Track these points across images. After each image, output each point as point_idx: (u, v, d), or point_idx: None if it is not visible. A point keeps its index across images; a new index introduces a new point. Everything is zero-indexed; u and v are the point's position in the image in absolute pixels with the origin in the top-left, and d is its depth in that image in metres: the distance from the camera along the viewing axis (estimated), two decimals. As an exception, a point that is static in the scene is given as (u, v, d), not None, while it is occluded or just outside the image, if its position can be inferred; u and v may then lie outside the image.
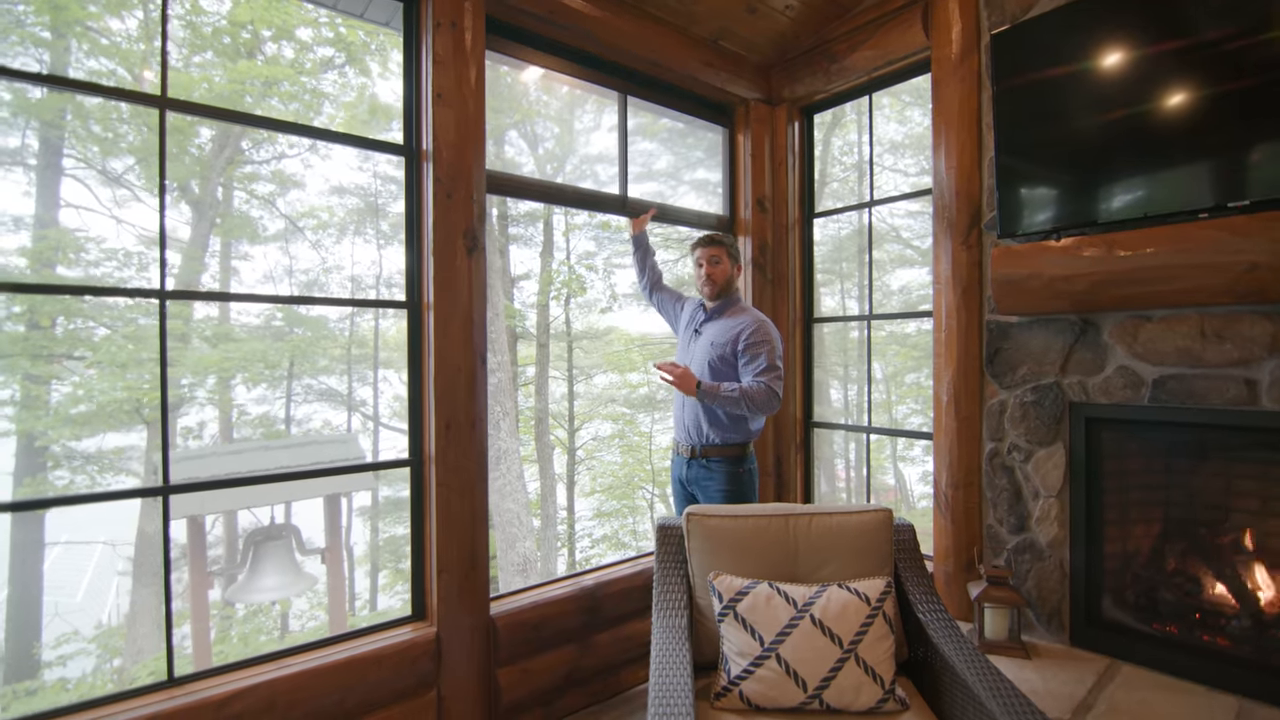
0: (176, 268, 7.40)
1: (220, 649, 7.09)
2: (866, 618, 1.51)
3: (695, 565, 1.67)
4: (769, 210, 2.84)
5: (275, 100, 7.06)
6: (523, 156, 9.59)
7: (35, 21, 6.46)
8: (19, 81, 6.27)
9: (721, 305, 2.23)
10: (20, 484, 6.59)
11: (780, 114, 2.85)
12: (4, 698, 6.47)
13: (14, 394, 6.29)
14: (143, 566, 6.94)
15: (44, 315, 6.37)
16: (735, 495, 2.15)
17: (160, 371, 1.59)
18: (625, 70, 2.43)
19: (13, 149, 6.93)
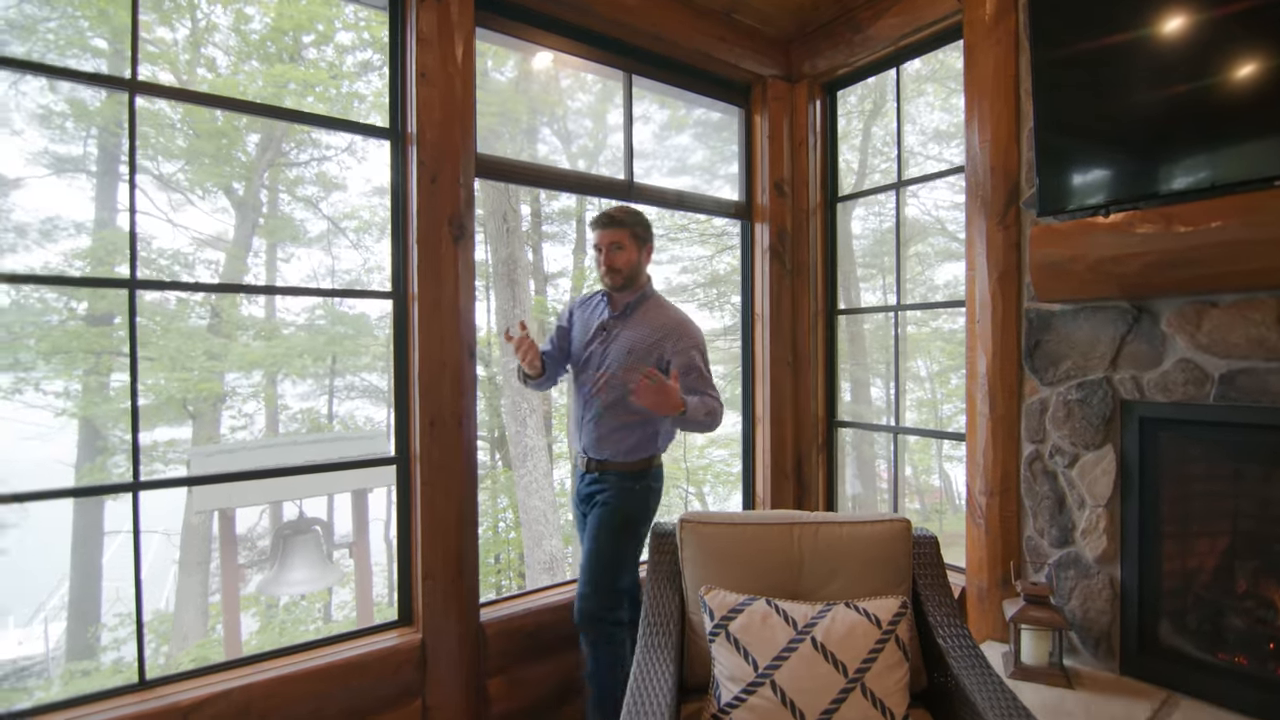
0: (221, 267, 7.65)
1: (262, 639, 7.27)
2: (876, 642, 1.35)
3: (688, 576, 1.53)
4: (788, 194, 2.66)
5: (312, 102, 7.18)
6: (556, 154, 9.56)
7: (93, 32, 6.74)
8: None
9: (636, 300, 1.87)
10: (81, 471, 6.92)
11: (800, 91, 2.67)
12: (65, 676, 6.81)
13: (75, 388, 6.60)
14: (188, 556, 7.20)
15: (103, 310, 6.65)
16: (618, 515, 1.79)
17: (130, 362, 1.54)
18: (630, 48, 2.30)
19: (75, 157, 7.26)
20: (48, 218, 6.76)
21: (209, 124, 6.75)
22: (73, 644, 7.23)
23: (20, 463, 6.83)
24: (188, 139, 7.20)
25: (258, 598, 7.43)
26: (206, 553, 7.34)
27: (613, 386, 1.80)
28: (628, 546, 1.80)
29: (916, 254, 8.82)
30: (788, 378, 2.63)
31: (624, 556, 1.80)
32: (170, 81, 6.90)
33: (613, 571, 1.78)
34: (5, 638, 7.84)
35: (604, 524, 1.79)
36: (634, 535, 1.81)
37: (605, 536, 1.77)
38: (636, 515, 1.82)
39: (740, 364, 2.79)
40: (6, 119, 6.48)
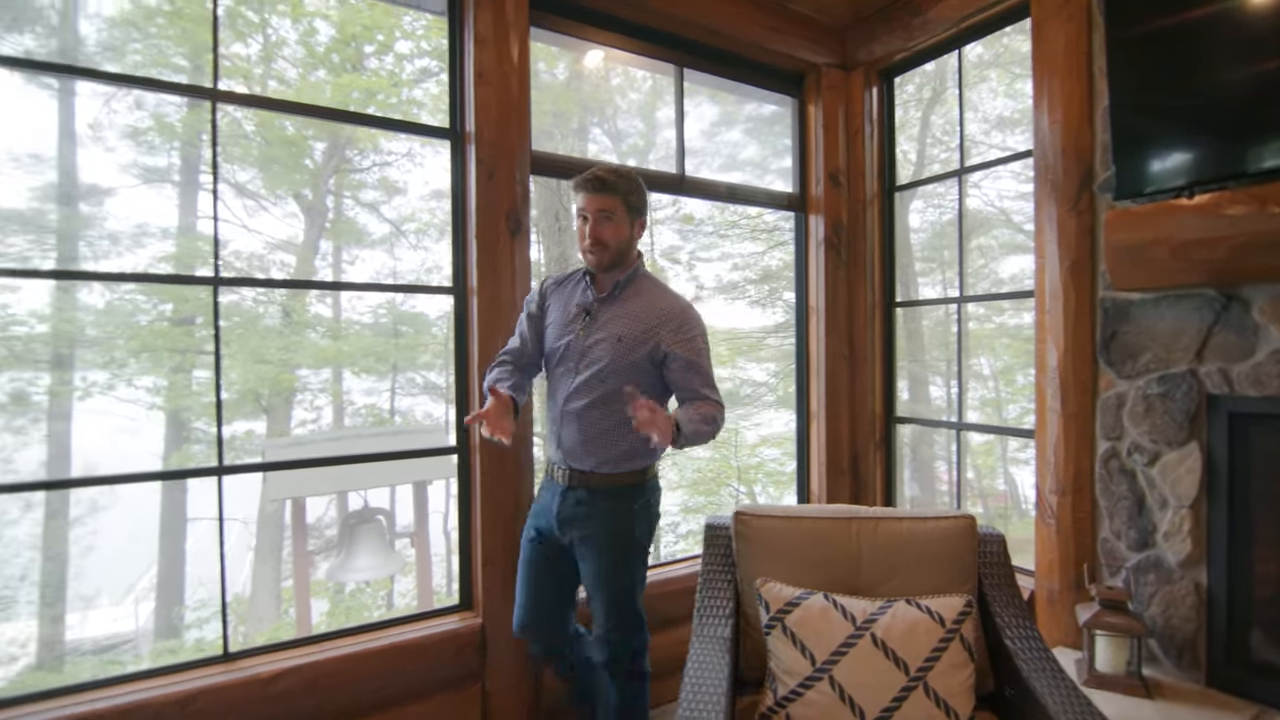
0: (292, 269, 8.04)
1: (329, 623, 7.61)
2: (940, 641, 1.31)
3: (743, 569, 1.52)
4: (843, 185, 2.61)
5: (373, 109, 7.46)
6: (606, 153, 9.63)
7: (175, 52, 7.20)
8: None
9: (625, 279, 1.56)
10: (167, 461, 7.41)
11: (855, 79, 2.61)
12: (153, 654, 7.31)
13: (162, 383, 7.07)
14: (262, 543, 7.61)
15: (186, 312, 7.10)
16: (624, 546, 1.54)
17: (215, 354, 1.64)
18: (681, 41, 2.30)
19: (160, 168, 7.77)
20: (137, 224, 7.25)
21: (279, 133, 7.10)
22: (159, 623, 7.75)
23: (114, 453, 7.36)
24: (260, 148, 7.60)
25: (325, 583, 7.79)
26: (279, 540, 7.74)
27: (600, 379, 1.50)
28: (639, 571, 1.59)
29: (979, 247, 8.45)
30: (844, 372, 2.57)
31: (639, 582, 1.59)
32: (241, 91, 7.30)
33: (635, 603, 1.57)
34: (101, 615, 8.43)
35: (609, 559, 1.53)
36: (643, 556, 1.60)
37: (616, 572, 1.53)
38: (641, 535, 1.57)
39: (794, 361, 2.75)
40: (101, 136, 6.99)
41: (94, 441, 7.04)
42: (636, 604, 1.58)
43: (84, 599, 7.78)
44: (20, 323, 6.12)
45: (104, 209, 7.19)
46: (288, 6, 7.19)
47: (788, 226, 10.90)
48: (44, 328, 6.30)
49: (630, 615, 1.56)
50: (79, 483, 2.28)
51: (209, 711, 1.47)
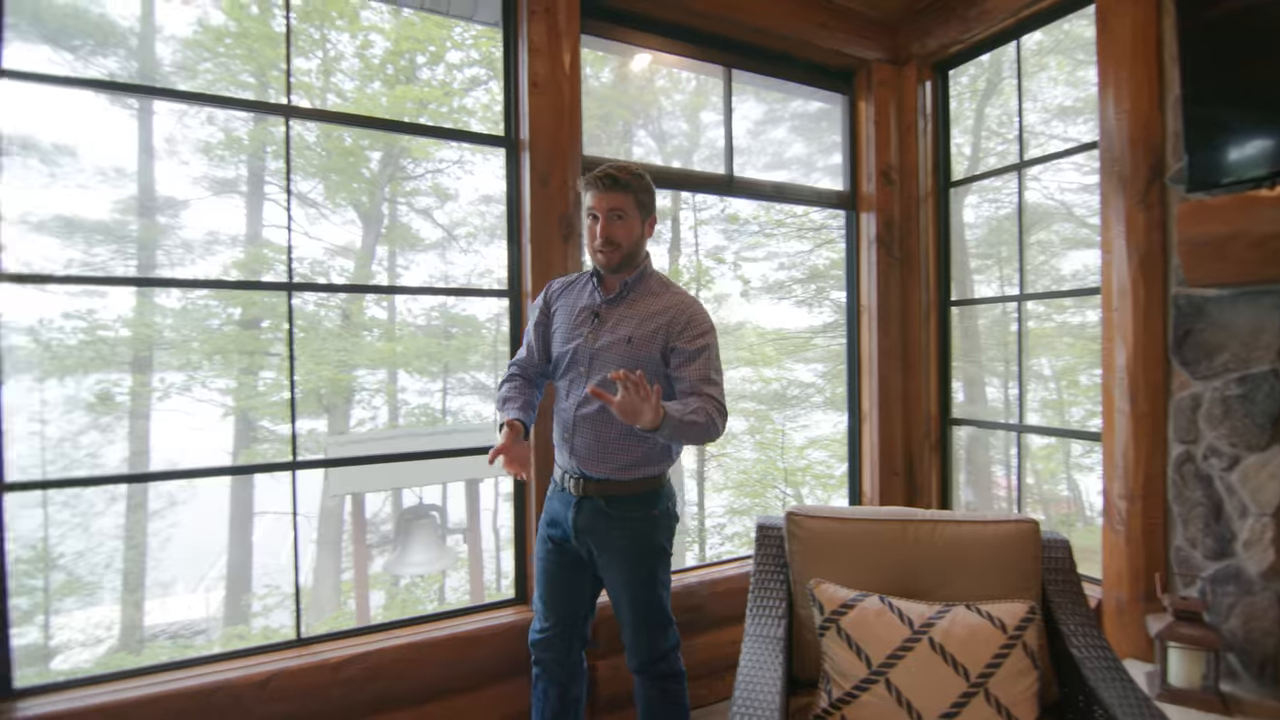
0: (350, 274, 8.37)
1: (385, 614, 7.89)
2: (1001, 647, 1.28)
3: (796, 570, 1.52)
4: (896, 182, 2.56)
5: (426, 119, 7.70)
6: (651, 155, 9.67)
7: (242, 70, 7.59)
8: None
9: (634, 279, 1.52)
10: (237, 458, 7.82)
11: (908, 74, 2.56)
12: (223, 639, 7.71)
13: (231, 384, 7.47)
14: (323, 536, 7.93)
15: (253, 316, 7.49)
16: (648, 554, 1.50)
17: (288, 355, 1.74)
18: (729, 42, 2.30)
19: (229, 179, 8.20)
20: (209, 233, 7.68)
21: (338, 144, 7.41)
22: (229, 610, 8.17)
23: (188, 450, 7.80)
24: (321, 159, 7.93)
25: (382, 576, 8.07)
26: (338, 534, 8.06)
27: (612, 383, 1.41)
28: (666, 577, 1.57)
29: (1039, 242, 8.10)
30: (897, 372, 2.53)
31: (667, 588, 1.57)
32: (306, 106, 7.64)
33: (664, 609, 1.55)
34: (176, 602, 8.93)
35: (634, 568, 1.50)
36: (667, 562, 1.57)
37: (645, 585, 1.51)
38: (665, 541, 1.55)
39: (844, 361, 2.72)
40: (176, 150, 7.43)
41: (171, 439, 7.49)
42: (665, 607, 1.56)
43: (162, 586, 8.27)
44: (106, 327, 6.56)
45: (179, 219, 7.64)
46: (345, 21, 7.49)
47: (836, 225, 10.77)
48: (126, 332, 6.73)
49: (660, 618, 1.54)
50: (163, 476, 2.41)
51: (284, 693, 1.56)
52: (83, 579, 6.98)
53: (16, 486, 1.50)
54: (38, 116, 6.66)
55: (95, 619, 7.41)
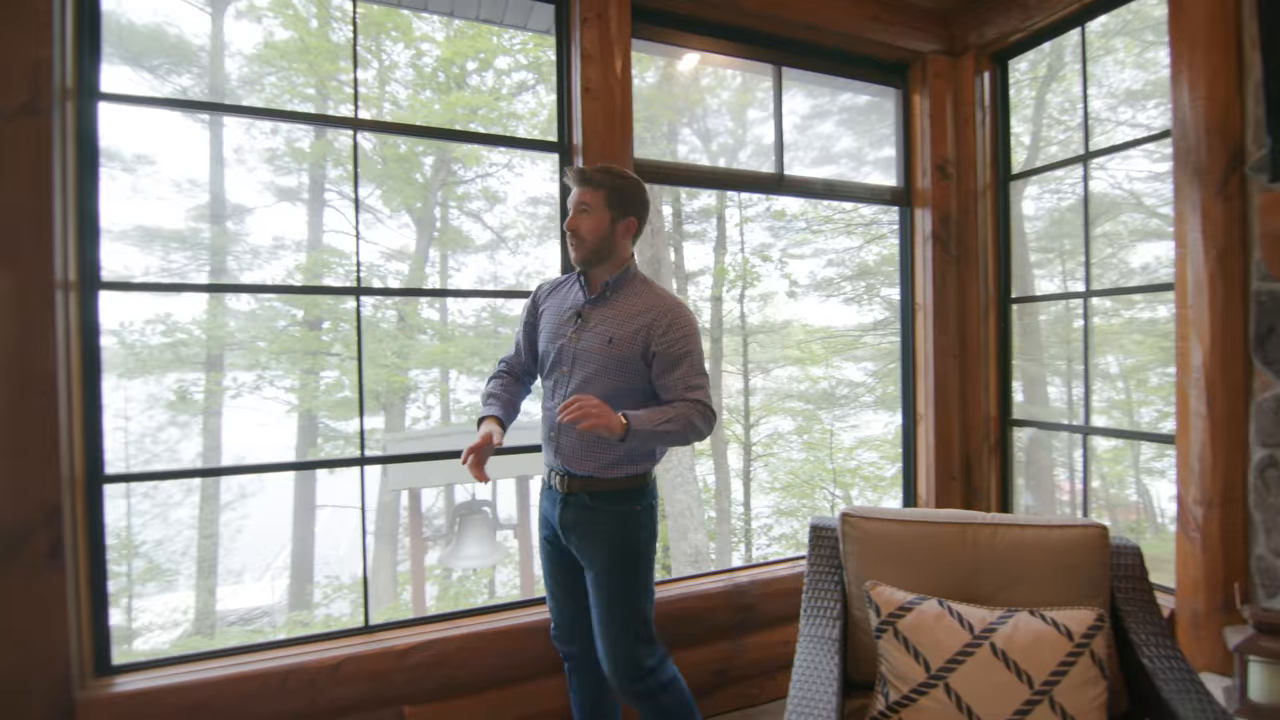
0: (404, 276, 8.66)
1: (439, 606, 8.13)
2: (1067, 655, 1.25)
3: (851, 572, 1.51)
4: (952, 176, 2.50)
5: (476, 125, 7.91)
6: (696, 153, 9.65)
7: (304, 84, 7.94)
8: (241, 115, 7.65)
9: (616, 280, 1.52)
10: (300, 453, 8.20)
11: (965, 65, 2.49)
12: (288, 625, 8.09)
13: (296, 383, 7.83)
14: (381, 530, 8.23)
15: (314, 317, 7.84)
16: (627, 551, 1.48)
17: (357, 357, 1.82)
18: (778, 40, 2.29)
19: (292, 187, 8.59)
20: (274, 239, 8.06)
21: (393, 151, 7.67)
22: (293, 598, 8.57)
23: (257, 446, 8.21)
24: (377, 166, 8.23)
25: (434, 569, 8.32)
26: (395, 527, 8.35)
27: (593, 382, 1.47)
28: (646, 580, 1.52)
29: (1105, 234, 7.71)
30: (954, 372, 2.47)
31: (646, 592, 1.52)
32: (363, 116, 7.94)
33: (640, 615, 1.49)
34: (245, 589, 9.41)
35: (612, 567, 1.47)
36: (647, 565, 1.53)
37: (621, 584, 1.48)
38: (644, 541, 1.51)
39: (898, 359, 2.67)
40: (244, 159, 7.83)
41: (240, 435, 7.90)
42: (644, 616, 1.49)
43: (233, 574, 8.73)
44: (183, 330, 6.97)
45: (245, 226, 8.04)
46: (400, 33, 7.74)
47: (887, 220, 10.51)
48: (200, 333, 7.13)
49: (636, 626, 1.48)
50: (245, 470, 2.56)
51: (353, 676, 1.65)
52: (162, 566, 7.45)
53: (115, 478, 1.62)
54: (121, 131, 7.12)
55: (173, 604, 7.89)
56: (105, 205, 1.58)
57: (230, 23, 7.94)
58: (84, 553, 1.51)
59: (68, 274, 1.47)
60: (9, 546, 1.38)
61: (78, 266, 1.51)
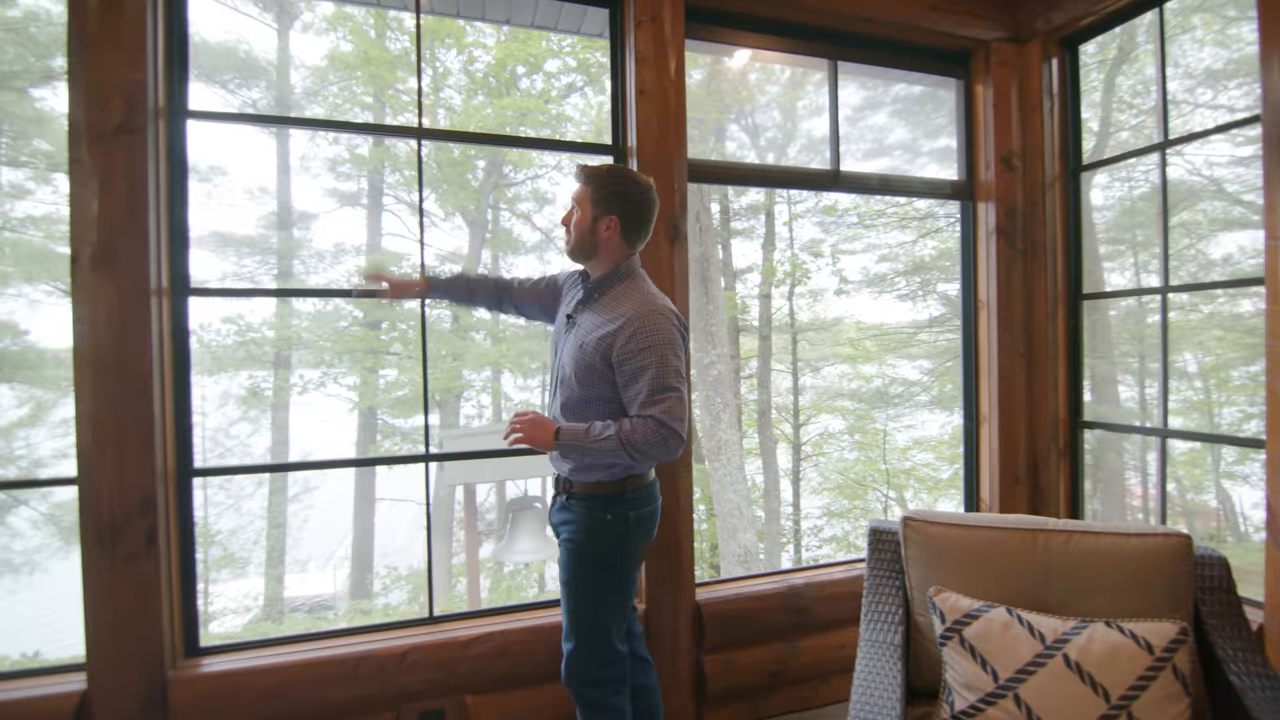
0: (457, 278, 8.88)
1: (492, 598, 8.33)
2: (1147, 670, 1.20)
3: (913, 577, 1.48)
4: (1018, 168, 2.41)
5: (526, 128, 8.04)
6: (744, 150, 9.56)
7: (364, 93, 8.24)
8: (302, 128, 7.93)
9: (601, 281, 1.49)
10: (364, 452, 8.53)
11: (1031, 51, 2.39)
12: (349, 614, 8.43)
13: (356, 381, 8.15)
14: (436, 523, 8.48)
15: (374, 318, 8.14)
16: (589, 555, 1.45)
17: (421, 359, 1.88)
18: (833, 34, 2.25)
19: (353, 193, 8.93)
20: (335, 243, 8.40)
21: (448, 155, 7.88)
22: (353, 587, 8.92)
23: (321, 441, 8.59)
24: (432, 170, 8.47)
25: (487, 562, 8.53)
26: (449, 520, 8.59)
27: (567, 386, 1.47)
28: (608, 593, 1.46)
29: (1182, 224, 7.26)
30: (1020, 371, 2.38)
31: (606, 605, 1.46)
32: (414, 122, 8.18)
33: (597, 624, 1.45)
34: (309, 578, 9.84)
35: (572, 569, 1.46)
36: (614, 577, 1.46)
37: (578, 585, 1.46)
38: (610, 551, 1.45)
39: (955, 357, 2.59)
40: (308, 168, 8.19)
41: (306, 431, 8.28)
42: (603, 626, 1.45)
43: (299, 563, 9.15)
44: (254, 330, 7.34)
45: (310, 231, 8.40)
46: (453, 39, 7.93)
47: (944, 213, 10.17)
48: (270, 333, 7.49)
49: (592, 637, 1.45)
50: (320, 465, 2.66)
51: (420, 665, 1.71)
52: (235, 554, 7.88)
53: (203, 471, 1.73)
54: (197, 144, 7.54)
55: (244, 590, 8.33)
56: (191, 211, 1.68)
57: (295, 37, 8.30)
58: (175, 541, 1.62)
59: (161, 280, 1.58)
60: (111, 534, 1.50)
61: (169, 273, 1.61)
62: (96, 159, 1.49)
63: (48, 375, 5.94)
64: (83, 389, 1.48)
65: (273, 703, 1.60)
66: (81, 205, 1.48)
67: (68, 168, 1.48)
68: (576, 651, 1.46)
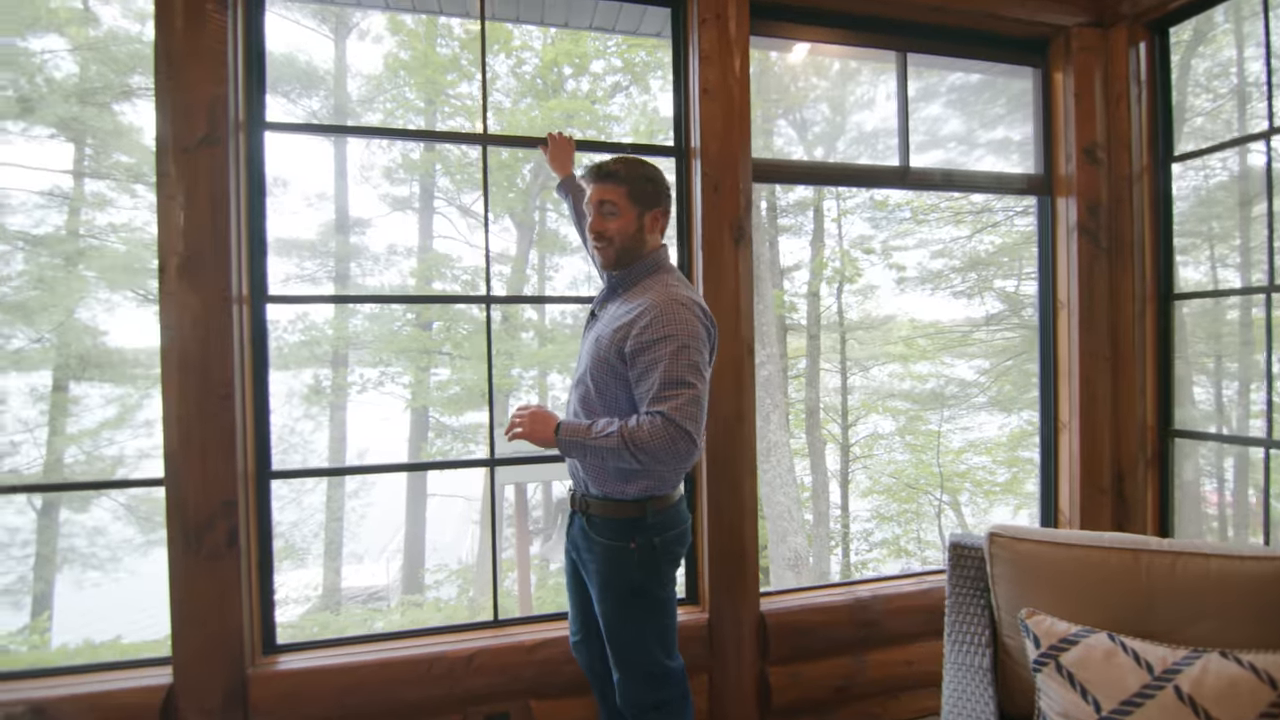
0: (506, 278, 9.02)
1: (539, 593, 8.42)
2: (1270, 705, 1.10)
3: (1000, 596, 1.40)
4: (1102, 161, 2.27)
5: (573, 129, 8.09)
6: (792, 145, 9.39)
7: (416, 99, 8.43)
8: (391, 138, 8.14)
9: (626, 276, 1.38)
10: (416, 449, 8.76)
11: (1117, 36, 2.25)
12: (401, 605, 8.66)
13: (410, 380, 8.37)
14: (484, 519, 8.64)
15: (427, 319, 8.34)
16: (621, 590, 1.33)
17: (487, 362, 1.89)
18: (904, 25, 2.17)
19: (404, 197, 9.16)
20: (389, 246, 8.63)
21: (496, 158, 8.00)
22: (406, 580, 9.16)
23: (377, 439, 8.85)
24: (479, 173, 8.61)
25: (533, 559, 8.64)
26: (500, 517, 8.73)
27: (583, 386, 1.37)
28: (647, 620, 1.35)
29: (1262, 215, 6.77)
30: (1105, 376, 2.24)
31: (648, 632, 1.35)
32: (467, 127, 8.32)
33: (642, 653, 1.35)
34: (364, 569, 10.17)
35: (605, 603, 1.35)
36: (649, 602, 1.34)
37: (614, 619, 1.35)
38: (640, 581, 1.32)
39: (1015, 356, 2.45)
40: (367, 176, 8.44)
41: (363, 429, 8.54)
42: (651, 657, 1.35)
43: (355, 556, 9.45)
44: (317, 329, 7.61)
45: (366, 236, 8.65)
46: (500, 44, 8.03)
47: (999, 207, 9.76)
48: (330, 332, 7.75)
49: (642, 669, 1.35)
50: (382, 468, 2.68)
51: (487, 668, 1.72)
52: (296, 546, 8.20)
53: (280, 474, 1.78)
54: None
55: (304, 580, 8.66)
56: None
57: (351, 46, 8.55)
58: (254, 540, 1.67)
59: (241, 288, 1.62)
60: (196, 534, 1.55)
61: (249, 281, 1.66)
62: (182, 172, 1.54)
63: (126, 374, 6.29)
64: (169, 394, 1.53)
65: (348, 701, 1.63)
66: (168, 217, 1.54)
67: (155, 181, 1.54)
68: (626, 682, 1.36)
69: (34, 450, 6.04)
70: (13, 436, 5.98)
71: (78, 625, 6.14)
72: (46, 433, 6.08)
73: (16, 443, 5.91)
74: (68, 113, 5.87)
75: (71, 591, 6.25)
